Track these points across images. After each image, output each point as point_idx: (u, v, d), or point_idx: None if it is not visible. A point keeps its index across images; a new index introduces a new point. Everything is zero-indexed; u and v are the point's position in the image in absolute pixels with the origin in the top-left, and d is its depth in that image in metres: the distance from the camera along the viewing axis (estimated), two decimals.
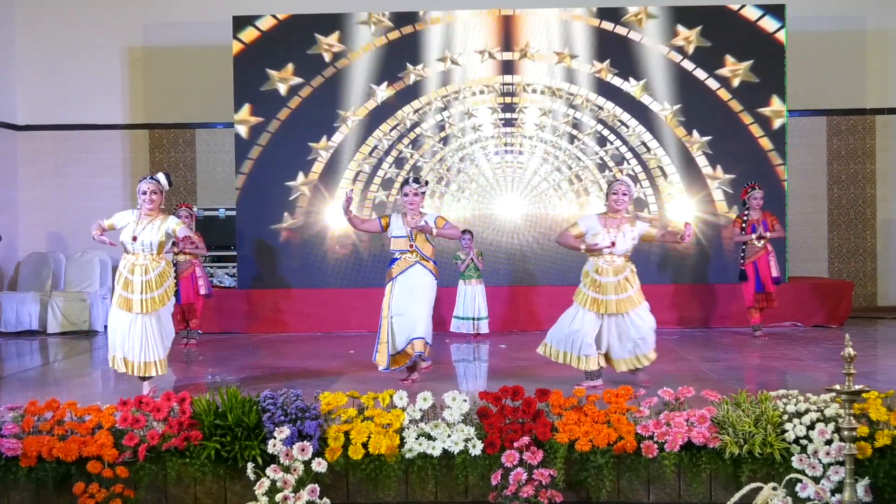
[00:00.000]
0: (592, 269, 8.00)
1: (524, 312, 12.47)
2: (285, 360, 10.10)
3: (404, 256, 8.26)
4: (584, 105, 12.92)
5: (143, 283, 7.61)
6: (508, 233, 12.96)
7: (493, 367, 9.81)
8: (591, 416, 5.76)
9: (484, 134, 13.01)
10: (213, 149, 14.60)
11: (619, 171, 12.75)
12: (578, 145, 12.94)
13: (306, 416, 5.74)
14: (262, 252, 13.01)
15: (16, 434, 5.84)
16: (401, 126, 13.02)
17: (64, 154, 14.62)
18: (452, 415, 5.78)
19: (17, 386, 8.81)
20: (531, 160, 12.98)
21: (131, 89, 14.73)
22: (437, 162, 12.99)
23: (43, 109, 14.65)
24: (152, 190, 7.83)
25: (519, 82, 12.98)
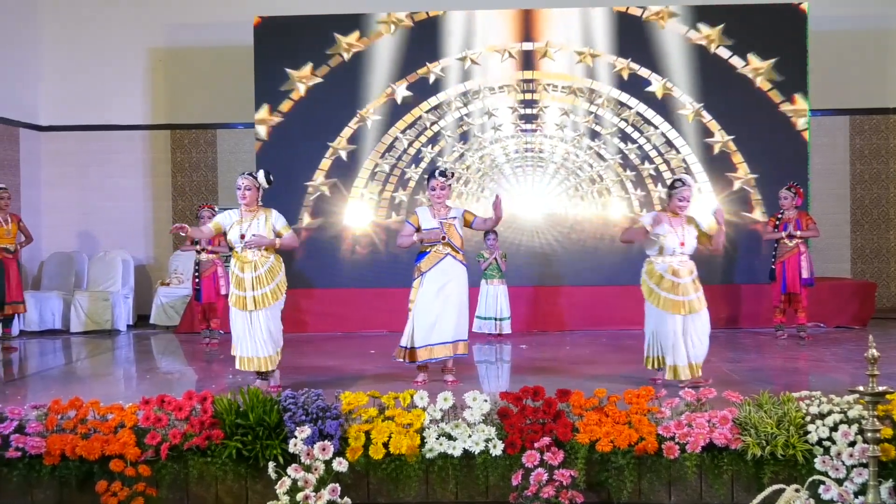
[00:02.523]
0: (666, 271, 7.84)
1: (546, 313, 12.45)
2: (306, 360, 10.13)
3: (435, 249, 8.17)
4: (606, 103, 12.89)
5: (254, 280, 7.76)
6: (529, 233, 12.94)
7: (515, 368, 9.80)
8: (612, 417, 5.74)
9: (504, 133, 13.00)
10: (234, 149, 14.65)
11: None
12: (600, 144, 12.91)
13: (327, 415, 5.75)
14: (283, 252, 13.01)
15: (39, 432, 5.87)
16: (419, 125, 13.03)
17: (86, 154, 14.71)
18: (473, 415, 5.77)
19: (40, 385, 8.87)
20: (552, 159, 12.95)
21: (153, 90, 14.81)
22: (457, 161, 12.98)
23: (66, 110, 14.74)
24: (246, 186, 7.93)
25: (539, 80, 12.96)
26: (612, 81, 12.89)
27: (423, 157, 13.00)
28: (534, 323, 12.36)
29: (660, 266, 7.89)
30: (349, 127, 13.03)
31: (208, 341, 11.30)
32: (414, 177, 12.94)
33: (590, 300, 12.45)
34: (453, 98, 13.03)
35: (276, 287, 7.87)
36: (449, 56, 13.04)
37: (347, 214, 13.01)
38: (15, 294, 11.40)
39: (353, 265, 12.98)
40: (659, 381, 7.85)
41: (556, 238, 12.93)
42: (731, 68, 12.80)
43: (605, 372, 8.75)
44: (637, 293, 12.37)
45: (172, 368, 10.49)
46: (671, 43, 12.85)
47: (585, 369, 9.01)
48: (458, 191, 12.90)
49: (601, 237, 12.88)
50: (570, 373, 8.78)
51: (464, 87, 13.02)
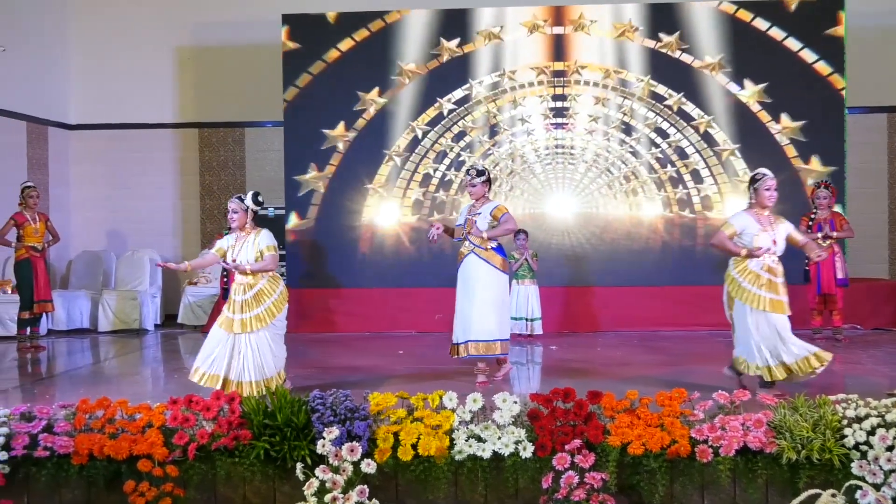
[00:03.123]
0: (762, 269, 7.43)
1: (577, 313, 12.42)
2: (334, 360, 10.15)
3: (462, 247, 8.30)
4: (639, 99, 12.81)
5: (242, 303, 7.62)
6: (560, 232, 12.91)
7: (545, 369, 9.78)
8: (644, 420, 5.71)
9: (534, 132, 12.96)
10: (263, 147, 14.71)
11: None
12: (632, 142, 12.85)
13: (355, 416, 5.76)
14: (312, 251, 13.08)
15: (68, 432, 5.92)
16: (455, 129, 13.01)
17: (114, 153, 14.82)
18: (503, 417, 5.76)
19: (68, 384, 8.94)
20: (583, 158, 12.91)
21: (181, 88, 14.89)
22: (485, 158, 12.96)
23: (94, 109, 14.86)
24: (233, 209, 7.84)
25: (570, 85, 12.90)
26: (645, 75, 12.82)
27: (450, 154, 12.99)
28: (565, 324, 12.33)
29: (754, 264, 7.48)
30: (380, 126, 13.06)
31: None
32: (441, 175, 12.93)
33: (622, 301, 12.41)
34: (482, 95, 13.02)
35: (264, 311, 7.60)
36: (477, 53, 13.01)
37: (375, 214, 13.03)
38: (43, 293, 11.49)
39: (381, 265, 12.99)
40: (746, 384, 7.48)
41: (588, 238, 12.89)
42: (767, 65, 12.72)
43: (637, 374, 8.70)
44: (672, 294, 12.40)
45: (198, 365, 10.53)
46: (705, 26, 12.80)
47: (617, 371, 8.98)
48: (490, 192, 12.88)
49: (634, 237, 12.83)
50: (601, 374, 8.75)
51: (494, 89, 13.01)
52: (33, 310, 11.46)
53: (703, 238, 12.69)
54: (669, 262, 12.76)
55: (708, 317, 12.16)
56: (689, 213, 12.74)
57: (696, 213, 12.73)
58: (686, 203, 12.73)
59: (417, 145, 13.01)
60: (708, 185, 12.72)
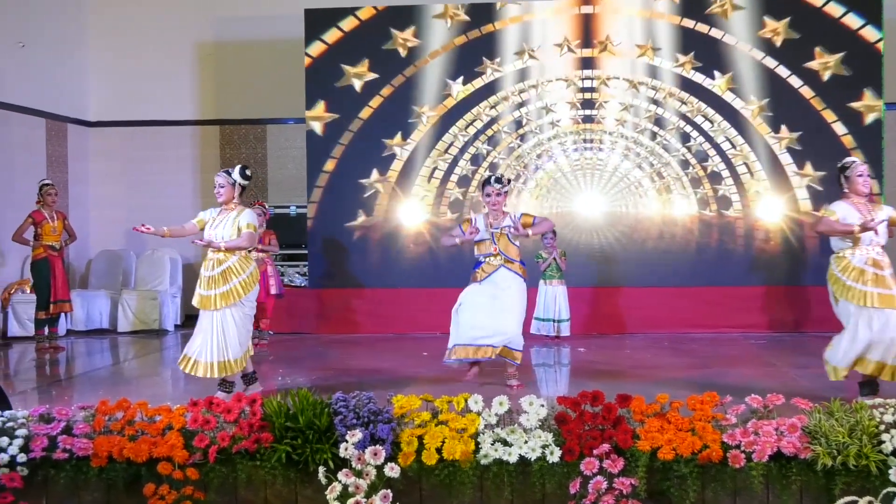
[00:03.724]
0: (866, 264, 7.26)
1: (606, 315, 12.40)
2: (357, 362, 10.17)
3: (488, 260, 8.24)
4: (667, 99, 12.78)
5: (209, 279, 7.70)
6: (588, 232, 12.88)
7: (573, 371, 9.77)
8: (674, 424, 5.69)
9: (562, 129, 12.94)
10: (284, 145, 14.75)
11: None
12: (660, 141, 12.80)
13: (379, 419, 5.76)
14: (334, 250, 13.10)
15: (87, 434, 5.95)
16: (477, 122, 13.01)
17: (134, 150, 14.90)
18: (529, 420, 5.75)
19: (87, 385, 9.00)
20: (611, 156, 12.88)
21: (202, 84, 14.96)
22: (515, 159, 12.95)
23: (114, 105, 14.95)
24: (220, 183, 7.89)
25: (599, 76, 12.88)
26: (674, 77, 12.75)
27: (479, 153, 12.99)
28: (593, 325, 12.30)
29: (857, 259, 7.29)
30: (407, 124, 13.05)
31: (257, 342, 11.35)
32: (468, 174, 12.93)
33: (651, 302, 12.37)
34: (510, 95, 13.00)
35: (230, 290, 7.64)
36: (507, 51, 12.99)
37: (401, 212, 13.04)
38: (61, 293, 11.56)
39: (406, 264, 13.00)
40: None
41: (617, 237, 12.86)
42: (798, 62, 12.60)
43: (667, 377, 8.68)
44: (703, 295, 12.34)
45: None
46: (735, 37, 12.68)
47: (646, 374, 8.96)
48: (516, 189, 12.87)
49: (663, 236, 12.78)
50: (630, 377, 8.73)
51: (522, 86, 12.98)
52: (49, 310, 11.52)
53: (737, 237, 12.63)
54: (701, 261, 12.70)
55: (740, 318, 12.16)
56: (722, 211, 12.66)
57: (730, 212, 12.66)
58: (720, 201, 12.66)
59: (445, 143, 13.01)
60: (743, 183, 12.64)
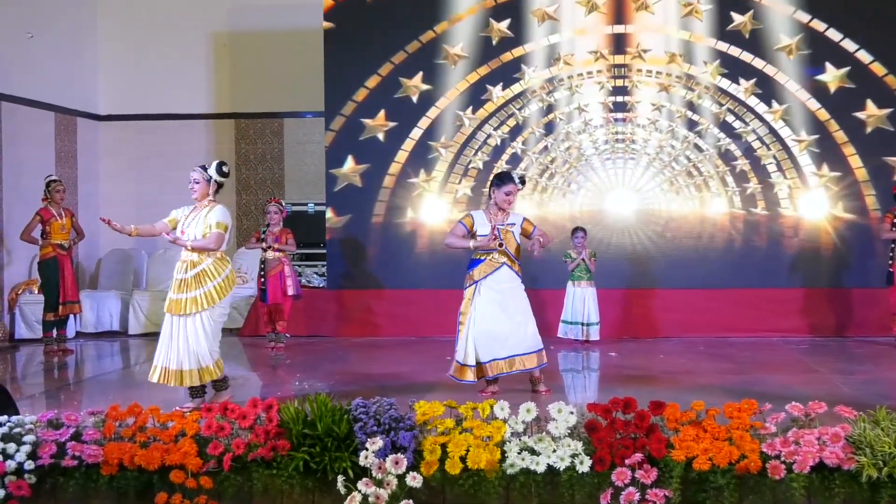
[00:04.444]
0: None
1: (638, 317, 12.37)
2: (378, 366, 10.19)
3: (490, 257, 8.21)
4: (705, 88, 12.70)
5: (181, 282, 7.61)
6: (620, 231, 12.85)
7: (603, 377, 9.76)
8: (710, 433, 5.66)
9: (592, 122, 12.90)
10: (302, 139, 14.80)
11: None
12: (693, 141, 12.73)
13: (400, 426, 5.76)
14: (354, 250, 13.12)
15: (97, 440, 5.96)
16: (501, 114, 13.00)
17: (146, 145, 14.96)
18: (558, 428, 5.74)
19: (97, 389, 9.06)
20: (645, 150, 12.84)
21: (216, 77, 15.02)
22: (541, 152, 12.93)
23: (125, 99, 15.03)
24: (195, 179, 7.79)
25: (632, 64, 12.83)
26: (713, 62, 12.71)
27: (506, 148, 12.97)
28: (624, 329, 12.27)
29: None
30: (426, 117, 13.05)
31: (274, 345, 11.40)
32: (495, 170, 12.90)
33: (686, 304, 12.32)
34: (537, 86, 12.97)
35: (203, 295, 7.53)
36: (533, 41, 12.95)
37: (423, 209, 13.05)
38: (70, 293, 11.61)
39: (429, 264, 12.99)
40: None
41: (650, 236, 12.82)
42: (856, 43, 12.52)
43: (703, 383, 8.67)
44: (741, 297, 12.32)
45: (236, 374, 10.58)
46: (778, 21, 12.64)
47: (681, 380, 8.94)
48: (541, 185, 12.85)
49: (699, 236, 12.73)
50: (664, 383, 8.72)
51: (549, 74, 12.96)
52: (58, 311, 11.56)
53: (775, 237, 12.56)
54: (738, 262, 12.65)
55: (780, 322, 12.10)
56: (759, 210, 12.61)
57: (767, 210, 12.59)
58: (757, 199, 12.60)
59: (466, 137, 13.00)
60: (781, 180, 12.57)
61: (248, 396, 6.33)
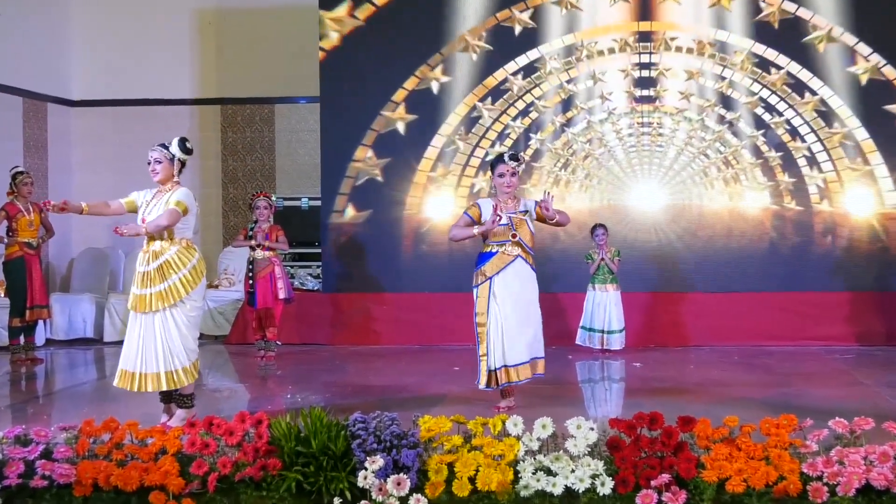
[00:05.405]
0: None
1: (666, 324, 12.35)
2: (378, 377, 10.20)
3: (503, 249, 8.18)
4: (742, 69, 12.68)
5: (143, 276, 7.51)
6: (646, 228, 12.84)
7: (627, 390, 9.76)
8: (745, 451, 5.67)
9: (616, 109, 12.90)
10: (295, 128, 14.82)
11: None
12: (728, 127, 12.72)
13: (403, 443, 5.77)
14: (352, 249, 13.12)
15: (69, 458, 5.97)
16: (508, 95, 12.98)
17: (123, 133, 14.95)
18: (577, 446, 5.74)
19: (69, 402, 9.08)
20: (673, 140, 12.84)
21: (201, 58, 15.04)
22: (560, 143, 12.93)
23: (100, 82, 15.05)
24: (156, 158, 7.62)
25: (658, 53, 12.81)
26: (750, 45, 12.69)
27: (511, 133, 12.96)
28: (650, 336, 12.26)
29: None
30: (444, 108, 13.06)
31: (264, 354, 11.43)
32: None
33: (719, 310, 12.31)
34: (555, 70, 12.95)
35: (168, 288, 7.42)
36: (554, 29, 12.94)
37: (429, 206, 13.05)
38: (39, 297, 11.59)
39: (436, 265, 12.98)
40: None
41: (679, 234, 12.81)
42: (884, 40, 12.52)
43: (737, 396, 8.67)
44: (780, 302, 12.30)
45: (221, 385, 10.64)
46: None
47: (713, 392, 8.94)
48: (555, 175, 12.85)
49: (734, 233, 12.72)
50: (694, 397, 8.71)
51: (569, 59, 12.94)
52: (26, 317, 11.55)
53: (819, 235, 12.55)
54: (777, 263, 12.64)
55: (822, 329, 12.08)
56: (801, 205, 12.59)
57: (811, 206, 12.58)
58: (798, 193, 12.58)
59: (475, 124, 13.00)
60: (825, 172, 12.56)
61: (235, 410, 6.33)
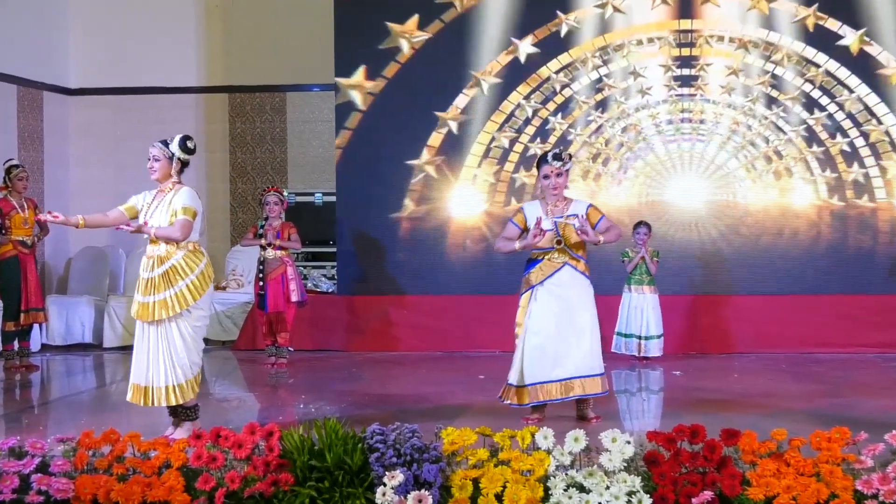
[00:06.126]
0: None
1: (708, 330, 12.32)
2: (398, 386, 10.22)
3: (548, 257, 8.06)
4: (787, 59, 12.66)
5: (147, 282, 7.46)
6: (686, 225, 12.81)
7: (666, 401, 9.75)
8: (794, 467, 5.65)
9: (654, 98, 12.88)
10: (308, 117, 14.83)
11: None
12: (779, 112, 12.69)
13: (424, 457, 5.77)
14: (370, 248, 13.13)
15: (66, 472, 5.99)
16: (545, 88, 12.98)
17: (124, 124, 15.00)
18: (612, 460, 5.74)
19: (67, 412, 9.12)
20: (716, 131, 12.80)
21: (207, 43, 15.06)
22: (593, 134, 12.92)
23: (99, 70, 15.08)
24: (154, 156, 7.54)
25: (700, 31, 12.79)
26: (796, 32, 12.63)
27: (552, 128, 12.95)
28: (691, 343, 12.24)
29: None
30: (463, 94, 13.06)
31: (275, 360, 11.44)
32: (537, 152, 12.86)
33: (765, 314, 12.27)
34: (589, 55, 12.93)
35: (174, 296, 7.36)
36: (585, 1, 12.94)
37: (452, 201, 13.05)
38: (34, 300, 11.61)
39: (458, 266, 12.99)
40: None
41: (722, 232, 12.78)
42: None
43: (786, 407, 8.64)
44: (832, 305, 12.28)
45: (230, 395, 10.67)
46: None
47: (759, 404, 8.92)
48: (594, 171, 12.84)
49: (781, 231, 12.68)
50: (738, 408, 8.70)
51: (603, 41, 12.92)
52: (20, 320, 11.57)
53: (876, 233, 12.50)
54: (828, 264, 12.58)
55: (879, 335, 12.03)
56: (855, 200, 12.54)
57: (867, 200, 12.52)
58: (855, 187, 12.54)
59: (511, 117, 12.98)
60: (882, 165, 12.51)
61: (244, 421, 6.35)
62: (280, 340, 11.47)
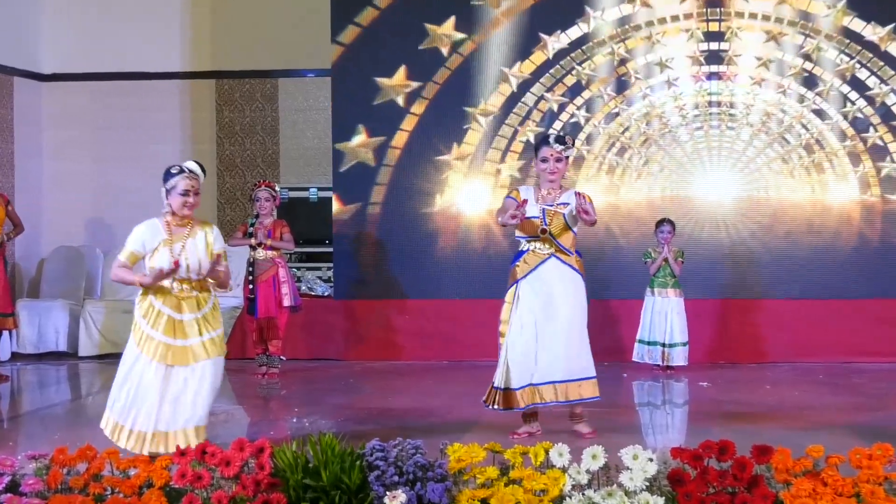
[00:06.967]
0: None
1: (737, 337, 12.34)
2: (399, 399, 10.23)
3: (533, 248, 8.15)
4: (827, 40, 12.65)
5: (199, 322, 7.58)
6: (714, 224, 12.81)
7: (692, 414, 9.75)
8: (832, 486, 5.65)
9: (680, 90, 12.88)
10: (302, 105, 14.83)
11: None
12: (812, 105, 12.68)
13: (429, 476, 5.78)
14: (369, 248, 13.13)
15: (39, 492, 6.00)
16: (555, 70, 12.97)
17: (102, 113, 15.01)
18: (633, 479, 5.74)
19: (39, 427, 9.13)
20: (747, 119, 12.80)
21: (193, 25, 15.07)
22: (617, 126, 12.91)
23: (75, 53, 15.07)
24: (196, 189, 7.68)
25: (729, 18, 12.78)
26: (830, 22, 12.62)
27: (563, 115, 12.95)
28: (719, 351, 12.26)
29: None
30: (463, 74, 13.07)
31: (266, 371, 11.46)
32: None
33: (801, 320, 12.28)
34: (613, 46, 12.92)
35: (222, 334, 7.67)
36: None
37: (460, 198, 13.06)
38: (3, 304, 11.61)
39: (466, 267, 12.98)
40: None
41: (753, 231, 12.77)
42: None
43: (823, 421, 8.65)
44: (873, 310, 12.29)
45: (216, 408, 10.62)
46: None
47: (794, 417, 8.92)
48: (611, 162, 12.84)
49: (819, 230, 12.67)
50: (771, 422, 8.70)
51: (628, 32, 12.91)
52: None
53: None
54: (869, 265, 12.58)
55: None
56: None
57: None
58: (890, 183, 12.53)
59: (515, 102, 13.00)
60: None
61: (232, 437, 6.36)
62: (271, 349, 11.49)
